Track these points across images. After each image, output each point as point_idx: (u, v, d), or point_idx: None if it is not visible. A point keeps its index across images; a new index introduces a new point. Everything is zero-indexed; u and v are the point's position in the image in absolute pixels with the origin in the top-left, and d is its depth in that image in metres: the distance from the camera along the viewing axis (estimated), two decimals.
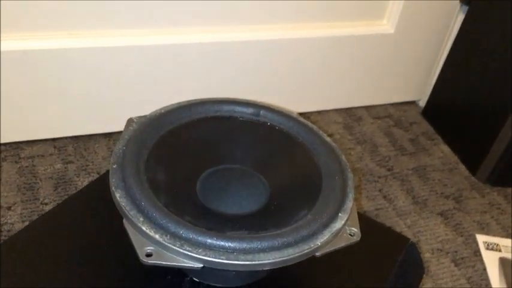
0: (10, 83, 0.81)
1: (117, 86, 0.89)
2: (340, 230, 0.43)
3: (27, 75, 0.81)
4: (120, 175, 0.43)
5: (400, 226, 0.88)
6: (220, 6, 0.88)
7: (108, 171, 0.56)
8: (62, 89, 0.85)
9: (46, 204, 0.79)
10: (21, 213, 0.77)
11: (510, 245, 0.87)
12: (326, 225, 0.43)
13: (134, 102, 0.92)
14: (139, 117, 0.50)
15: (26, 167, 0.85)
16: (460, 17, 1.05)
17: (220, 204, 0.47)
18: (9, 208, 0.78)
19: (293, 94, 1.06)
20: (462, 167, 1.03)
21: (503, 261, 0.84)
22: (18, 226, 0.75)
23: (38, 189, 0.82)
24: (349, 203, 0.45)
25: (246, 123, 0.53)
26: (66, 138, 0.92)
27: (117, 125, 0.94)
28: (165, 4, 0.84)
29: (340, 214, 0.44)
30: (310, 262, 0.42)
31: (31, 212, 0.78)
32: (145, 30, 0.86)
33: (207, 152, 0.51)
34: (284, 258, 0.40)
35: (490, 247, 0.86)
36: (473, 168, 1.02)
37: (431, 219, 0.90)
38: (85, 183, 0.84)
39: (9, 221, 0.76)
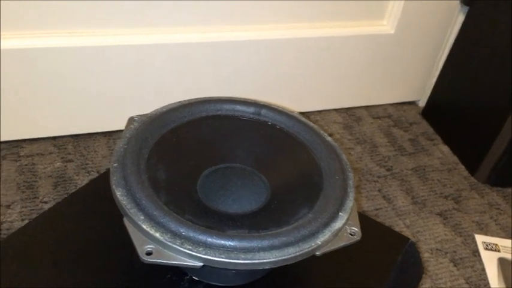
0: (10, 82, 0.81)
1: (117, 84, 0.89)
2: (340, 230, 0.43)
3: (27, 74, 0.81)
4: (121, 173, 0.43)
5: (400, 226, 0.88)
6: (222, 5, 0.88)
7: (107, 170, 0.56)
8: (62, 87, 0.85)
9: (45, 202, 0.79)
10: (20, 212, 0.77)
11: (509, 245, 0.87)
12: (326, 225, 0.43)
13: (134, 101, 0.92)
14: (141, 115, 0.50)
15: (26, 165, 0.85)
16: (461, 18, 1.06)
17: (220, 203, 0.47)
18: (8, 206, 0.78)
19: (293, 94, 1.06)
20: (461, 167, 1.03)
21: (502, 262, 0.84)
22: (18, 224, 0.75)
23: (37, 187, 0.82)
24: (350, 203, 0.45)
25: (247, 122, 0.53)
26: (66, 136, 0.92)
27: (117, 123, 0.94)
28: (166, 3, 0.84)
29: (340, 213, 0.44)
30: (310, 261, 0.42)
31: (30, 210, 0.78)
32: (146, 29, 0.86)
33: (208, 151, 0.51)
34: (284, 257, 0.40)
35: (489, 247, 0.86)
36: (472, 169, 1.02)
37: (431, 219, 0.90)
38: (84, 182, 0.84)
39: (8, 220, 0.76)
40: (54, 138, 0.91)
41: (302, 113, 1.09)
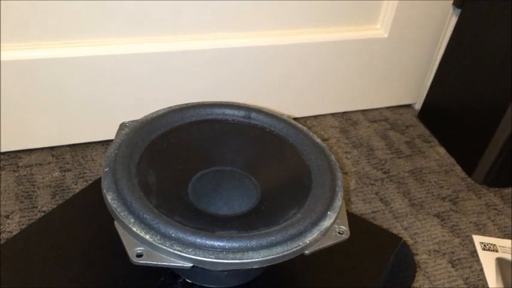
0: (7, 92, 0.82)
1: (114, 94, 0.89)
2: (329, 228, 0.44)
3: (24, 85, 0.82)
4: (111, 178, 0.44)
5: (397, 228, 0.88)
6: (214, 13, 0.89)
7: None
8: (59, 97, 0.86)
9: (44, 212, 0.80)
10: (19, 222, 0.78)
11: (507, 245, 0.87)
12: (315, 224, 0.43)
13: (131, 110, 0.92)
14: (132, 121, 0.51)
15: (24, 175, 0.86)
16: (453, 20, 1.06)
17: (211, 205, 0.47)
18: (7, 216, 0.78)
19: (289, 99, 1.07)
20: (458, 169, 1.04)
21: (500, 262, 0.84)
22: None
23: (36, 197, 0.83)
24: (338, 202, 0.46)
25: (237, 126, 0.54)
26: (63, 146, 0.93)
27: (114, 132, 0.94)
28: (159, 11, 0.85)
29: (329, 213, 0.44)
30: (303, 261, 0.43)
31: (29, 220, 0.78)
32: (142, 38, 0.87)
33: (199, 155, 0.51)
34: (273, 257, 0.40)
35: (486, 248, 0.86)
36: (469, 170, 1.02)
37: (428, 221, 0.90)
38: None
39: (7, 229, 0.76)
40: (52, 148, 0.92)
41: (298, 118, 1.10)
